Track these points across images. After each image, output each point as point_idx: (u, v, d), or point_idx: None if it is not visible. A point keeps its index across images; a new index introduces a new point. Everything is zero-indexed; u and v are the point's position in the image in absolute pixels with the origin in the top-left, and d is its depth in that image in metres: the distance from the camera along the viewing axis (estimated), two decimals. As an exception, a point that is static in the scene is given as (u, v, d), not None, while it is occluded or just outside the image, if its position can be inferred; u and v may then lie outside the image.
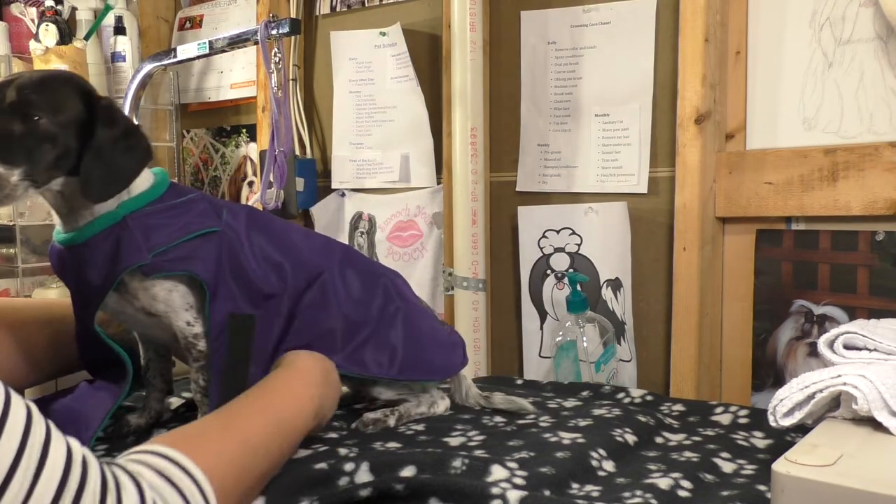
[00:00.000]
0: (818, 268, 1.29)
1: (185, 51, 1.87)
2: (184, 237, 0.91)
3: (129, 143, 0.90)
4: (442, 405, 1.09)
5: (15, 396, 0.54)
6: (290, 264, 1.00)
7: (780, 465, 0.67)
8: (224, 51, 1.85)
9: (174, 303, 0.93)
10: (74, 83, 0.90)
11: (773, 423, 0.86)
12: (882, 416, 0.76)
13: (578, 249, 1.54)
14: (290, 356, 0.95)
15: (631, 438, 1.00)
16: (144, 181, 0.94)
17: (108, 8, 2.12)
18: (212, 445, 0.69)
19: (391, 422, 1.05)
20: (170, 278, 0.91)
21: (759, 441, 1.02)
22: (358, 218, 1.86)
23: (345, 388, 1.20)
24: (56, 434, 0.55)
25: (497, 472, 0.84)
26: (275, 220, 1.07)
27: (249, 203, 1.99)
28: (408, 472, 0.84)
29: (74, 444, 0.57)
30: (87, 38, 2.08)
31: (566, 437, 0.98)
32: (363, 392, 1.13)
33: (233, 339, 0.95)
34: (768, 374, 1.34)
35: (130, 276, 0.89)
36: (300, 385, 0.87)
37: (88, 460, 0.57)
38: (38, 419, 0.55)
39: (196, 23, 2.20)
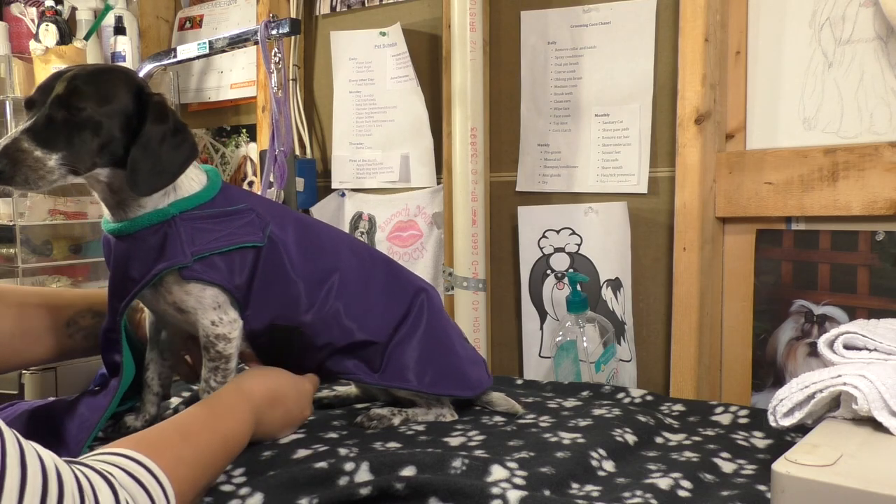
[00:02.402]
0: (818, 268, 1.29)
1: (185, 51, 1.87)
2: (225, 247, 0.94)
3: (176, 140, 0.92)
4: (449, 418, 1.09)
5: None
6: (336, 278, 1.03)
7: (780, 465, 0.67)
8: (224, 51, 1.85)
9: (205, 300, 0.95)
10: (127, 77, 0.92)
11: (773, 423, 0.86)
12: (882, 416, 0.76)
13: (578, 249, 1.54)
14: (243, 375, 0.98)
15: (631, 438, 1.00)
16: (196, 182, 0.96)
17: (108, 8, 2.12)
18: (172, 451, 0.72)
19: (396, 421, 1.06)
20: (201, 282, 0.94)
21: (759, 441, 1.02)
22: (358, 218, 1.86)
23: (353, 389, 1.21)
24: (27, 446, 0.56)
25: (497, 472, 0.84)
26: (322, 231, 1.09)
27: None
28: (408, 471, 0.84)
29: (43, 452, 0.57)
30: (87, 38, 2.09)
31: (566, 437, 0.98)
32: (373, 389, 1.14)
33: (273, 346, 1.01)
34: (768, 374, 1.34)
35: (168, 271, 0.92)
36: (243, 405, 0.90)
37: (60, 467, 0.57)
38: (10, 435, 0.55)
39: (196, 23, 2.20)
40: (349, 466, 0.84)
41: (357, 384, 1.20)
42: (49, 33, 1.95)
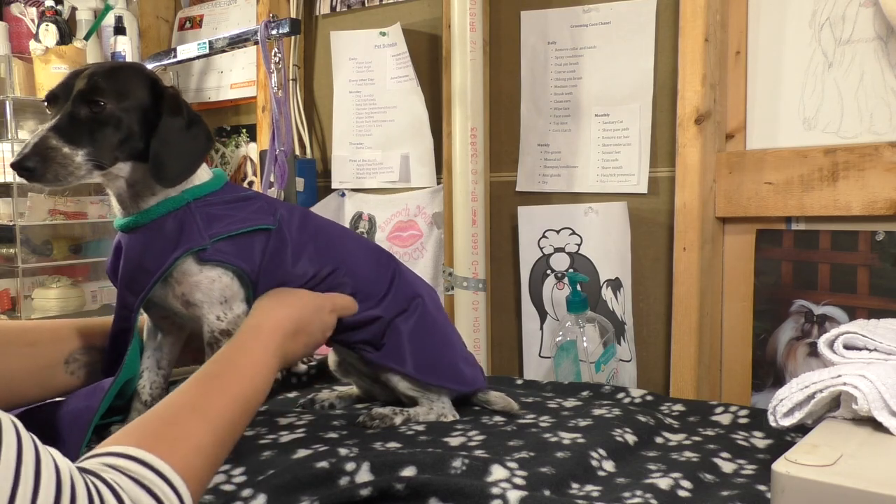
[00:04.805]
0: (818, 268, 1.29)
1: (185, 51, 1.88)
2: (241, 229, 0.95)
3: (192, 131, 0.95)
4: (451, 418, 1.09)
5: (3, 417, 0.53)
6: (339, 270, 1.04)
7: (780, 465, 0.67)
8: (224, 51, 1.85)
9: (213, 294, 0.95)
10: (142, 73, 0.95)
11: (773, 423, 0.86)
12: (882, 416, 0.76)
13: (578, 249, 1.54)
14: (263, 307, 0.93)
15: (631, 438, 1.00)
16: (204, 174, 0.98)
17: (108, 8, 2.13)
18: (185, 440, 0.67)
19: (397, 420, 1.06)
20: (217, 268, 0.94)
21: (759, 441, 1.02)
22: (358, 218, 1.86)
23: (354, 389, 1.21)
24: (43, 451, 0.54)
25: (497, 472, 0.84)
26: (328, 225, 1.10)
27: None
28: (408, 471, 0.84)
29: (59, 458, 0.56)
30: (87, 38, 2.09)
31: (566, 437, 0.98)
32: (375, 387, 1.14)
33: None
34: (768, 374, 1.34)
35: (180, 260, 0.93)
36: (266, 349, 0.85)
37: (74, 476, 0.56)
38: (27, 438, 0.54)
39: (196, 23, 2.20)
40: (350, 466, 0.84)
41: (357, 385, 1.20)
42: (49, 33, 1.95)
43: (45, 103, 0.92)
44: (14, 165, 0.84)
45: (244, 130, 2.11)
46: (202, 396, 0.75)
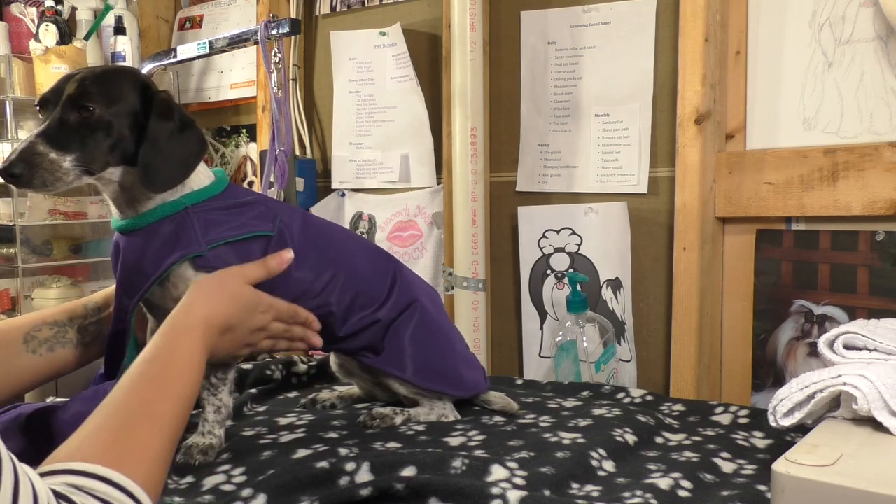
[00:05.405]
0: (818, 268, 1.29)
1: (185, 51, 1.87)
2: (239, 236, 0.95)
3: (184, 135, 0.94)
4: (451, 418, 1.10)
5: None
6: (344, 267, 1.04)
7: (780, 465, 0.67)
8: (224, 51, 1.85)
9: None
10: (133, 77, 0.94)
11: (773, 423, 0.86)
12: (882, 416, 0.76)
13: (578, 249, 1.54)
14: (196, 298, 0.88)
15: (631, 438, 1.00)
16: (206, 177, 0.98)
17: (108, 8, 2.12)
18: (143, 453, 0.68)
19: (398, 420, 1.06)
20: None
21: (759, 441, 1.02)
22: (358, 218, 1.86)
23: (355, 389, 1.21)
24: (21, 474, 0.54)
25: (497, 472, 0.84)
26: (329, 228, 1.10)
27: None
28: (408, 471, 0.84)
29: (37, 483, 0.56)
30: (87, 38, 2.09)
31: (566, 437, 0.98)
32: (376, 389, 1.14)
33: None
34: (768, 374, 1.34)
35: (176, 265, 0.92)
36: (195, 349, 0.83)
37: (50, 501, 0.56)
38: (7, 462, 0.53)
39: (196, 23, 2.20)
40: (350, 466, 0.84)
41: (358, 385, 1.21)
42: (49, 33, 1.95)
43: (38, 108, 0.92)
44: (0, 172, 0.84)
45: (244, 130, 2.11)
46: (149, 401, 0.74)
